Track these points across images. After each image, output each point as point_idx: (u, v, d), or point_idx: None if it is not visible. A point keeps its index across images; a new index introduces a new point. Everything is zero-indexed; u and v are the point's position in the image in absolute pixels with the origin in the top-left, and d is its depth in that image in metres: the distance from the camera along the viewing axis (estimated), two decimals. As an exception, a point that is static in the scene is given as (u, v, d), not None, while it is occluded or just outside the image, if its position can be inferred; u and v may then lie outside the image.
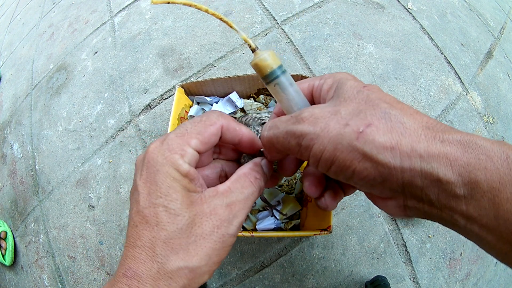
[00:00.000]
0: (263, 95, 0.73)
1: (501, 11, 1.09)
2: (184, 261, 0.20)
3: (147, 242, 0.20)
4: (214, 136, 0.22)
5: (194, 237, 0.20)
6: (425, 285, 0.70)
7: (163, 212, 0.20)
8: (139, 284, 0.19)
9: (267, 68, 0.22)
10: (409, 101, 0.83)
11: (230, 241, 0.21)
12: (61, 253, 0.82)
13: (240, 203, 0.21)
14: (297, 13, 0.97)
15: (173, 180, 0.20)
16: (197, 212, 0.20)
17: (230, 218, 0.21)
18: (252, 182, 0.22)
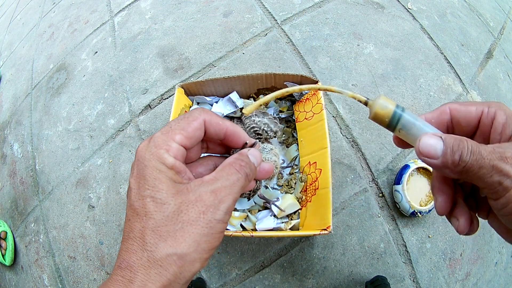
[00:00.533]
0: (263, 95, 0.73)
1: (501, 11, 1.09)
2: (173, 248, 0.20)
3: (138, 232, 0.21)
4: (198, 131, 0.23)
5: (181, 224, 0.20)
6: (425, 285, 0.70)
7: (151, 202, 0.21)
8: (131, 274, 0.20)
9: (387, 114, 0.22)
10: (409, 101, 0.84)
11: (218, 227, 0.21)
12: (61, 253, 0.82)
13: (226, 189, 0.22)
14: (297, 13, 0.97)
15: (159, 172, 0.21)
16: (183, 200, 0.21)
17: (216, 204, 0.21)
18: (237, 169, 0.23)
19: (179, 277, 0.21)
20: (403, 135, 0.22)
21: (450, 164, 0.20)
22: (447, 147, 0.20)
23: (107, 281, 0.21)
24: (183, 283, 0.21)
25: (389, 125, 0.22)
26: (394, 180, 0.75)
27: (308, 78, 0.63)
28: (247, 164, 0.24)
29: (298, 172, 0.66)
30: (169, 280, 0.20)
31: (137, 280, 0.20)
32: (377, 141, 0.79)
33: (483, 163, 0.19)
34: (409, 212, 0.69)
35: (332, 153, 0.77)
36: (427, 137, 0.21)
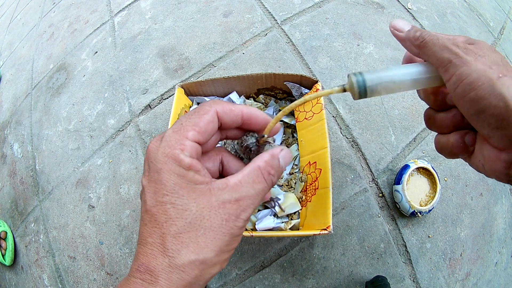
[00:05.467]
0: (263, 95, 0.73)
1: (501, 11, 1.09)
2: (195, 254, 0.20)
3: (158, 238, 0.20)
4: (211, 124, 0.22)
5: (203, 230, 0.20)
6: (425, 285, 0.70)
7: (171, 208, 0.20)
8: (152, 278, 0.20)
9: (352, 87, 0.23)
10: (409, 101, 0.84)
11: (238, 232, 0.21)
12: (61, 253, 0.82)
13: (250, 199, 0.21)
14: (297, 13, 0.97)
15: (178, 177, 0.20)
16: (205, 205, 0.20)
17: (238, 213, 0.21)
18: (265, 178, 0.22)
19: (200, 279, 0.21)
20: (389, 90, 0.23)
21: (411, 37, 0.24)
22: (412, 27, 0.25)
23: (125, 284, 0.21)
24: (202, 284, 0.22)
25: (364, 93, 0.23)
26: (394, 180, 0.75)
27: (308, 78, 0.63)
28: (276, 171, 0.23)
29: (298, 172, 0.66)
30: (190, 282, 0.21)
31: (159, 283, 0.20)
32: (377, 141, 0.79)
33: (437, 42, 0.22)
34: (409, 212, 0.69)
35: (332, 153, 0.77)
36: (400, 20, 0.26)
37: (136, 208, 0.80)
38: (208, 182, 0.21)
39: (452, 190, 0.76)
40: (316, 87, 0.64)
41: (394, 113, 0.82)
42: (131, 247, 0.77)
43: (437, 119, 0.27)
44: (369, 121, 0.81)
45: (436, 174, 0.71)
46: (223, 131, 0.26)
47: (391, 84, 0.23)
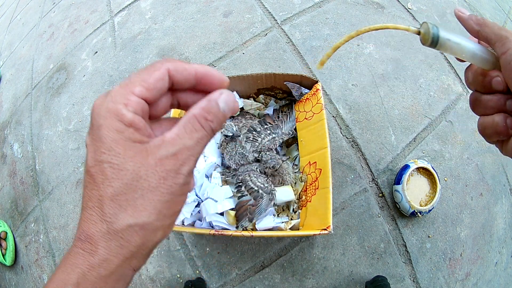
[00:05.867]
0: (263, 95, 0.73)
1: (501, 11, 1.09)
2: (134, 218, 0.19)
3: (96, 201, 0.19)
4: (161, 81, 0.21)
5: (140, 191, 0.19)
6: (425, 285, 0.70)
7: (108, 168, 0.19)
8: (92, 247, 0.19)
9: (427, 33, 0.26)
10: (409, 101, 0.84)
11: (180, 191, 0.20)
12: (61, 253, 0.82)
13: (188, 150, 0.20)
14: (297, 13, 0.97)
15: (116, 133, 0.19)
16: (141, 163, 0.19)
17: (177, 168, 0.19)
18: (203, 125, 0.20)
19: (142, 247, 0.20)
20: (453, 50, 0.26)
21: (474, 18, 0.27)
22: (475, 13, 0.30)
23: (67, 254, 0.20)
24: (145, 254, 0.21)
25: (436, 40, 0.26)
26: (394, 180, 0.75)
27: (308, 78, 0.63)
28: (215, 116, 0.20)
29: (298, 172, 0.66)
30: (131, 252, 0.20)
31: (98, 253, 0.19)
32: (377, 141, 0.79)
33: (495, 23, 0.25)
34: (409, 212, 0.69)
35: (332, 153, 0.77)
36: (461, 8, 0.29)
37: (136, 208, 0.80)
38: (147, 141, 0.20)
39: (452, 190, 0.76)
40: (316, 87, 0.64)
41: (394, 113, 0.82)
42: (131, 247, 0.77)
43: (482, 101, 0.28)
44: (369, 121, 0.81)
45: (436, 174, 0.71)
46: (175, 94, 0.24)
47: (456, 45, 0.26)
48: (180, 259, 0.74)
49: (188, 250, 0.75)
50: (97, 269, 0.19)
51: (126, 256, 0.20)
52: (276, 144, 0.66)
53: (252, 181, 0.62)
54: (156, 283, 0.74)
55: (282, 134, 0.67)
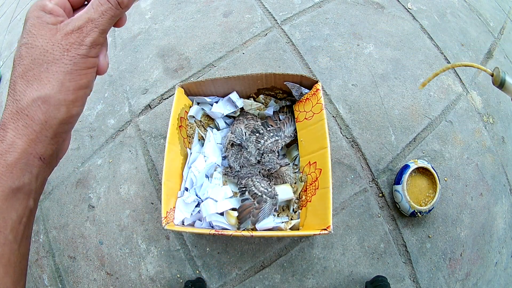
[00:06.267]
0: (263, 95, 0.73)
1: (501, 11, 1.09)
2: (37, 91, 0.20)
3: (11, 84, 0.20)
4: None
5: (46, 64, 0.20)
6: (425, 285, 0.70)
7: (24, 49, 0.20)
8: (2, 132, 0.20)
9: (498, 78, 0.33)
10: (409, 101, 0.84)
11: (83, 63, 0.21)
12: (61, 253, 0.82)
13: (93, 22, 0.20)
14: (297, 13, 0.97)
15: (36, 19, 0.20)
16: (49, 39, 0.20)
17: (80, 40, 0.20)
18: (102, 2, 0.21)
19: (45, 127, 0.20)
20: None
21: None
22: None
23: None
24: (50, 136, 0.20)
25: (502, 83, 0.33)
26: (394, 180, 0.75)
27: (308, 78, 0.63)
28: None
29: (298, 172, 0.66)
30: (36, 132, 0.20)
31: (7, 137, 0.20)
32: (377, 141, 0.79)
33: None
34: (409, 212, 0.69)
35: (332, 153, 0.77)
36: None
37: (136, 208, 0.80)
38: (61, 22, 0.21)
39: (452, 190, 0.76)
40: (316, 87, 0.64)
41: (394, 113, 0.82)
42: (131, 247, 0.77)
43: None
44: (369, 121, 0.81)
45: (436, 174, 0.71)
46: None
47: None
48: (180, 259, 0.74)
49: (188, 250, 0.75)
50: (4, 156, 0.19)
51: (30, 137, 0.20)
52: (279, 146, 0.66)
53: (255, 186, 0.62)
54: (156, 283, 0.74)
55: (285, 137, 0.67)
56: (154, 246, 0.76)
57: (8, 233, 0.19)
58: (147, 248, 0.76)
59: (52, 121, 0.20)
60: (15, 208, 0.20)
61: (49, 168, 0.22)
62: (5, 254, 0.19)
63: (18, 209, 0.20)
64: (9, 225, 0.20)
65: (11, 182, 0.19)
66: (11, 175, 0.19)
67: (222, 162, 0.71)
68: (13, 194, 0.20)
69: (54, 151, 0.22)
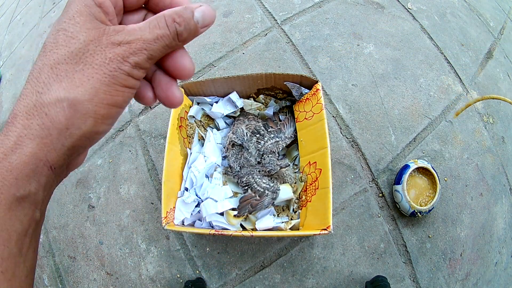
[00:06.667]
0: (263, 95, 0.73)
1: (501, 11, 1.09)
2: (66, 91, 0.17)
3: (36, 71, 0.18)
4: None
5: (83, 64, 0.17)
6: (425, 285, 0.70)
7: (62, 35, 0.17)
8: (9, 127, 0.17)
9: None
10: (409, 101, 0.84)
11: (123, 79, 0.18)
12: (61, 253, 0.82)
13: (144, 42, 0.18)
14: (297, 13, 0.97)
15: (84, 6, 0.18)
16: (94, 38, 0.18)
17: (127, 54, 0.18)
18: (168, 24, 0.19)
19: (65, 135, 0.17)
20: None
21: None
22: None
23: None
24: (67, 147, 0.18)
25: None
26: (394, 180, 0.75)
27: (308, 78, 0.63)
28: (184, 21, 0.19)
29: (298, 172, 0.66)
30: (52, 137, 0.17)
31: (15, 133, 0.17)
32: (377, 141, 0.79)
33: None
34: (409, 212, 0.69)
35: (332, 153, 0.77)
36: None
37: (136, 208, 0.80)
38: (109, 24, 0.19)
39: (452, 190, 0.76)
40: (316, 87, 0.64)
41: (394, 113, 0.82)
42: (131, 247, 0.77)
43: None
44: (369, 121, 0.81)
45: (436, 174, 0.71)
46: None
47: None
48: (180, 259, 0.74)
49: (188, 250, 0.75)
50: (9, 156, 0.17)
51: (44, 141, 0.17)
52: (279, 148, 0.66)
53: (257, 183, 0.62)
54: (156, 283, 0.74)
55: (285, 139, 0.67)
56: (154, 246, 0.76)
57: (12, 246, 0.17)
58: (147, 248, 0.76)
59: (74, 131, 0.18)
60: (19, 219, 0.17)
61: (57, 180, 0.20)
62: (10, 268, 0.17)
63: (23, 220, 0.18)
64: (14, 238, 0.17)
65: (15, 189, 0.17)
66: (15, 181, 0.17)
67: (222, 162, 0.71)
68: (17, 203, 0.17)
69: (66, 162, 0.19)
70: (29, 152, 0.17)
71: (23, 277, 0.18)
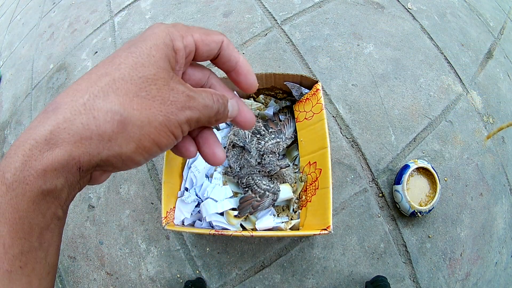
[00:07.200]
0: (263, 95, 0.73)
1: (501, 11, 1.09)
2: (122, 108, 0.17)
3: (96, 75, 0.17)
4: (215, 43, 0.22)
5: (145, 93, 0.17)
6: (425, 285, 0.70)
7: (134, 58, 0.18)
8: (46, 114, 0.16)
9: None
10: (409, 101, 0.84)
11: (173, 126, 0.19)
12: (61, 253, 0.82)
13: (199, 104, 0.20)
14: (297, 13, 0.97)
15: (163, 44, 0.19)
16: (164, 77, 0.18)
17: (184, 106, 0.19)
18: (214, 98, 0.21)
19: (103, 145, 0.17)
20: None
21: None
22: None
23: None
24: (100, 158, 0.17)
25: None
26: (394, 180, 0.75)
27: (308, 78, 0.63)
28: (223, 104, 0.22)
29: (298, 172, 0.66)
30: (91, 139, 0.16)
31: (51, 120, 0.16)
32: (377, 141, 0.79)
33: None
34: (409, 212, 0.69)
35: (332, 153, 0.77)
36: None
37: (136, 208, 0.80)
38: (177, 73, 0.20)
39: (452, 190, 0.76)
40: (316, 87, 0.64)
41: (394, 113, 0.82)
42: (131, 247, 0.77)
43: None
44: (369, 121, 0.81)
45: (436, 174, 0.71)
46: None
47: None
48: (180, 259, 0.74)
49: (188, 250, 0.75)
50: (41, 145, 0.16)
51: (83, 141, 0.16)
52: (280, 148, 0.66)
53: (257, 185, 0.62)
54: (156, 283, 0.74)
55: (286, 139, 0.67)
56: (154, 246, 0.76)
57: (34, 240, 0.17)
58: (147, 248, 0.76)
59: (114, 147, 0.17)
60: (42, 212, 0.17)
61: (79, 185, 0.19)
62: (29, 263, 0.17)
63: (46, 214, 0.17)
64: (36, 232, 0.17)
65: (42, 182, 0.16)
66: (44, 173, 0.16)
67: (222, 162, 0.71)
68: (42, 196, 0.16)
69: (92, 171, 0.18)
70: (64, 147, 0.16)
71: (44, 274, 0.18)
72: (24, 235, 0.16)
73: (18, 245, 0.16)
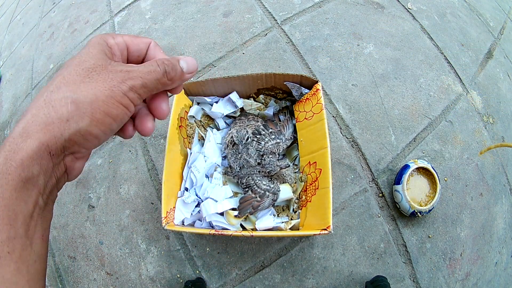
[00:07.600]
0: (263, 95, 0.73)
1: (501, 11, 1.09)
2: (72, 92, 0.21)
3: (51, 80, 0.22)
4: (143, 44, 0.27)
5: (89, 79, 0.22)
6: (425, 285, 0.70)
7: (77, 58, 0.22)
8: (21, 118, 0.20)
9: None
10: (409, 101, 0.83)
11: (119, 97, 0.22)
12: (61, 253, 0.82)
13: (140, 73, 0.23)
14: (297, 13, 0.97)
15: (98, 43, 0.24)
16: (101, 64, 0.22)
17: (125, 78, 0.22)
18: (159, 64, 0.24)
19: (64, 126, 0.20)
20: None
21: None
22: None
23: None
24: (64, 139, 0.21)
25: None
26: (394, 180, 0.75)
27: (308, 78, 0.63)
28: (172, 64, 0.25)
29: (298, 172, 0.66)
30: (53, 123, 0.20)
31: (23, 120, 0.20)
32: (377, 141, 0.79)
33: None
34: (409, 212, 0.69)
35: (332, 153, 0.77)
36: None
37: (136, 208, 0.80)
38: (115, 60, 0.24)
39: (452, 190, 0.76)
40: (316, 87, 0.64)
41: (394, 113, 0.82)
42: (131, 247, 0.77)
43: None
44: (369, 121, 0.81)
45: (436, 174, 0.71)
46: None
47: None
48: (180, 259, 0.74)
49: (188, 250, 0.75)
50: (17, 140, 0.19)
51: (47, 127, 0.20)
52: (280, 149, 0.66)
53: (257, 185, 0.62)
54: (156, 283, 0.74)
55: (286, 140, 0.67)
56: (154, 246, 0.76)
57: (18, 227, 0.19)
58: (147, 248, 0.76)
59: (72, 124, 0.21)
60: (24, 199, 0.19)
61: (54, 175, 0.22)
62: (16, 249, 0.19)
63: (28, 202, 0.19)
64: (20, 219, 0.19)
65: (20, 170, 0.19)
66: (21, 162, 0.19)
67: (222, 162, 0.71)
68: (22, 184, 0.19)
69: (63, 153, 0.22)
70: (34, 136, 0.19)
71: (31, 261, 0.20)
72: (9, 221, 0.18)
73: (5, 231, 0.18)
